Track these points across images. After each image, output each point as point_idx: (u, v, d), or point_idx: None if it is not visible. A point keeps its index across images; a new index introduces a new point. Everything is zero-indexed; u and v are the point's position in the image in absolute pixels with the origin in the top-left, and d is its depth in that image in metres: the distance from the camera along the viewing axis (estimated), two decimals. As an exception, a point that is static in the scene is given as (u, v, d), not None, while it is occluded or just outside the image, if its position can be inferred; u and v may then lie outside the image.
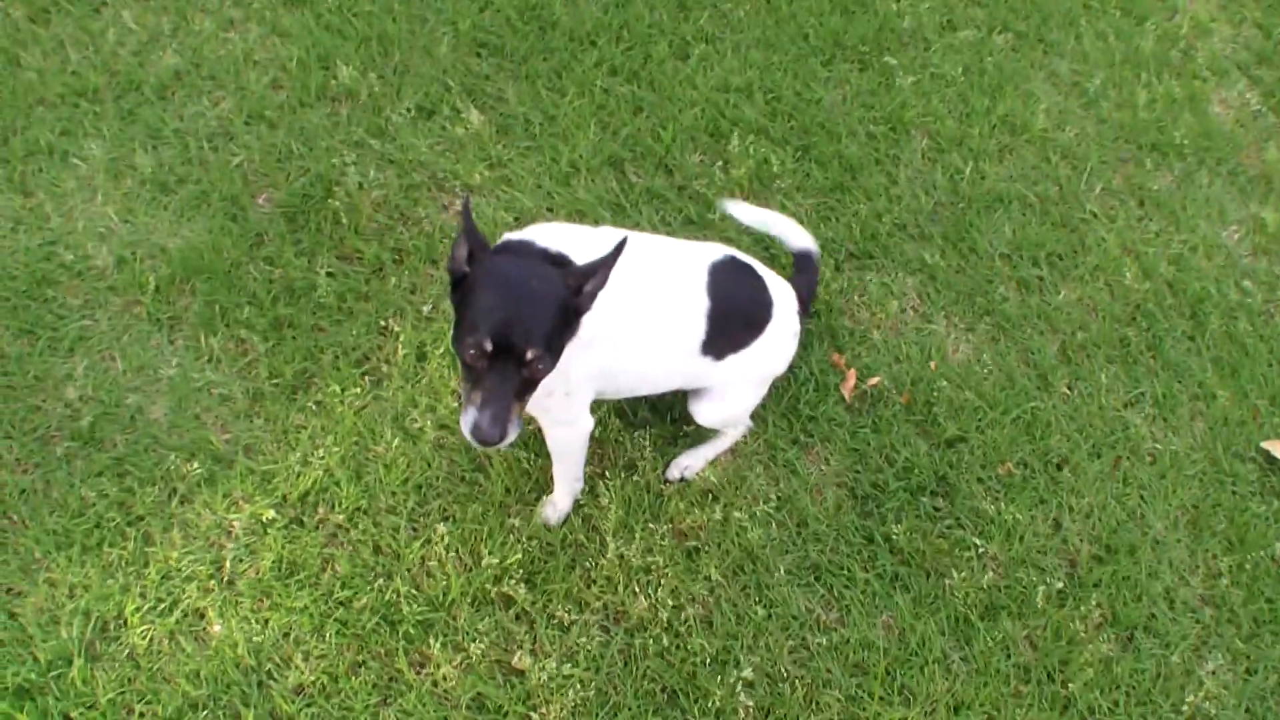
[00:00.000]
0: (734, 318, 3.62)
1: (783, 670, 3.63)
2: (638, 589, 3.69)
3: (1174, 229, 4.91)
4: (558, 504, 3.80)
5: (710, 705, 3.52)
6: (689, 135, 4.80)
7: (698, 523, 3.86)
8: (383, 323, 4.14)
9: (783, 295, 3.80)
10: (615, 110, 4.84)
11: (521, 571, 3.68)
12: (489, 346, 2.87)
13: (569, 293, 2.98)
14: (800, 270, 4.15)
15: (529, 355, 2.90)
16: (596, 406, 3.93)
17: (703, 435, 4.02)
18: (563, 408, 3.42)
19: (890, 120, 5.03)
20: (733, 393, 3.77)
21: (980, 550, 3.92)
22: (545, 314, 2.94)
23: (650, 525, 3.82)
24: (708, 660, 3.60)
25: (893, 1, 5.51)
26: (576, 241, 3.19)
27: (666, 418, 4.11)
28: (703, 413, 3.81)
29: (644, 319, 3.44)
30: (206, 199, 4.37)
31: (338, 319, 4.14)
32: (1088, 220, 4.87)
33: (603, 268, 3.00)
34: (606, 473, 3.90)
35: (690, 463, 3.97)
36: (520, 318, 2.89)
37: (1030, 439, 4.21)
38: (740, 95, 4.98)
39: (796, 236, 4.13)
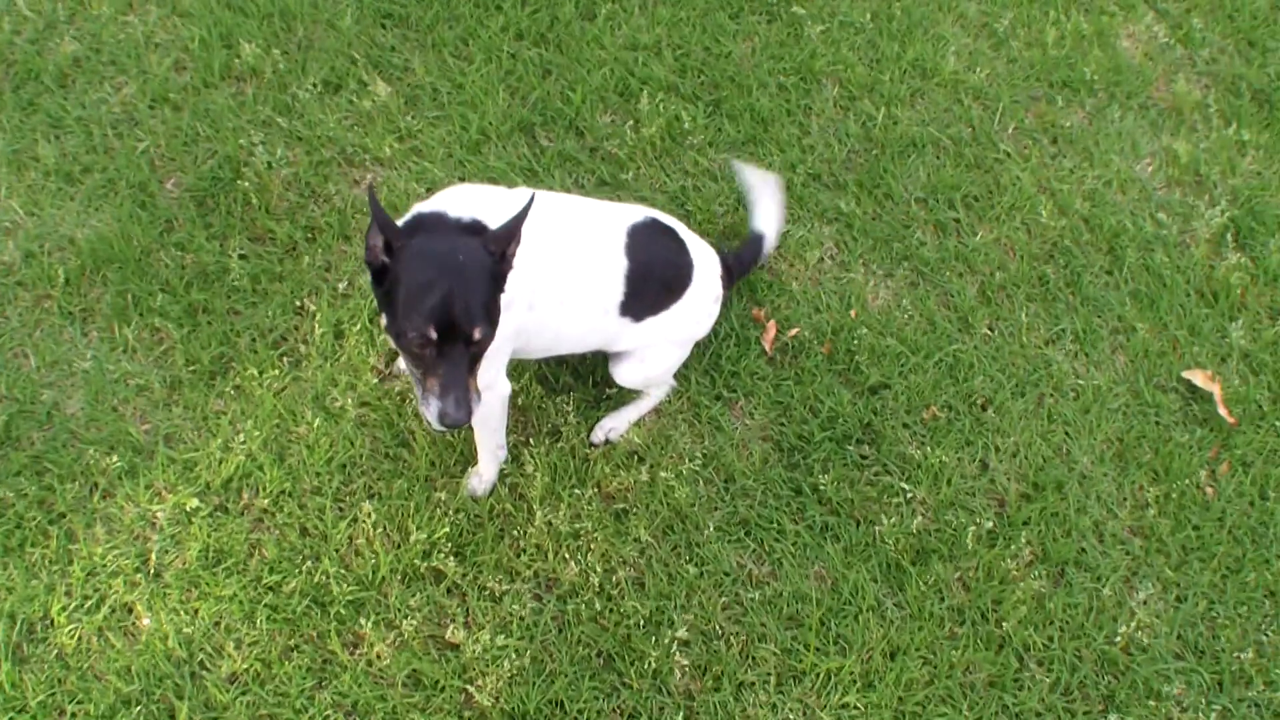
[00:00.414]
0: (653, 280, 3.62)
1: (717, 627, 3.64)
2: (568, 555, 3.69)
3: (1088, 165, 4.93)
4: (483, 474, 3.78)
5: (646, 666, 3.53)
6: (599, 96, 4.77)
7: (624, 485, 3.85)
8: (298, 303, 4.10)
9: (705, 259, 3.79)
10: (523, 75, 4.80)
11: (450, 545, 3.67)
12: (434, 335, 2.86)
13: (494, 260, 2.97)
14: (747, 246, 4.17)
15: (476, 335, 2.90)
16: (518, 374, 3.93)
17: (625, 397, 4.02)
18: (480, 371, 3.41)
19: (800, 70, 5.02)
20: (653, 354, 3.76)
21: (908, 495, 3.94)
22: (480, 288, 2.93)
23: (577, 490, 3.81)
24: (642, 622, 3.61)
25: (799, -50, 5.49)
26: (488, 204, 3.17)
27: (588, 381, 4.09)
28: (623, 374, 3.80)
29: (561, 278, 3.42)
30: (113, 187, 4.32)
31: (253, 301, 4.10)
32: (1002, 160, 4.87)
33: (517, 228, 2.98)
34: (530, 440, 3.89)
35: (614, 424, 3.96)
36: (457, 298, 2.88)
37: (953, 381, 4.23)
38: (649, 53, 4.95)
39: (766, 218, 4.15)
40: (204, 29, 4.78)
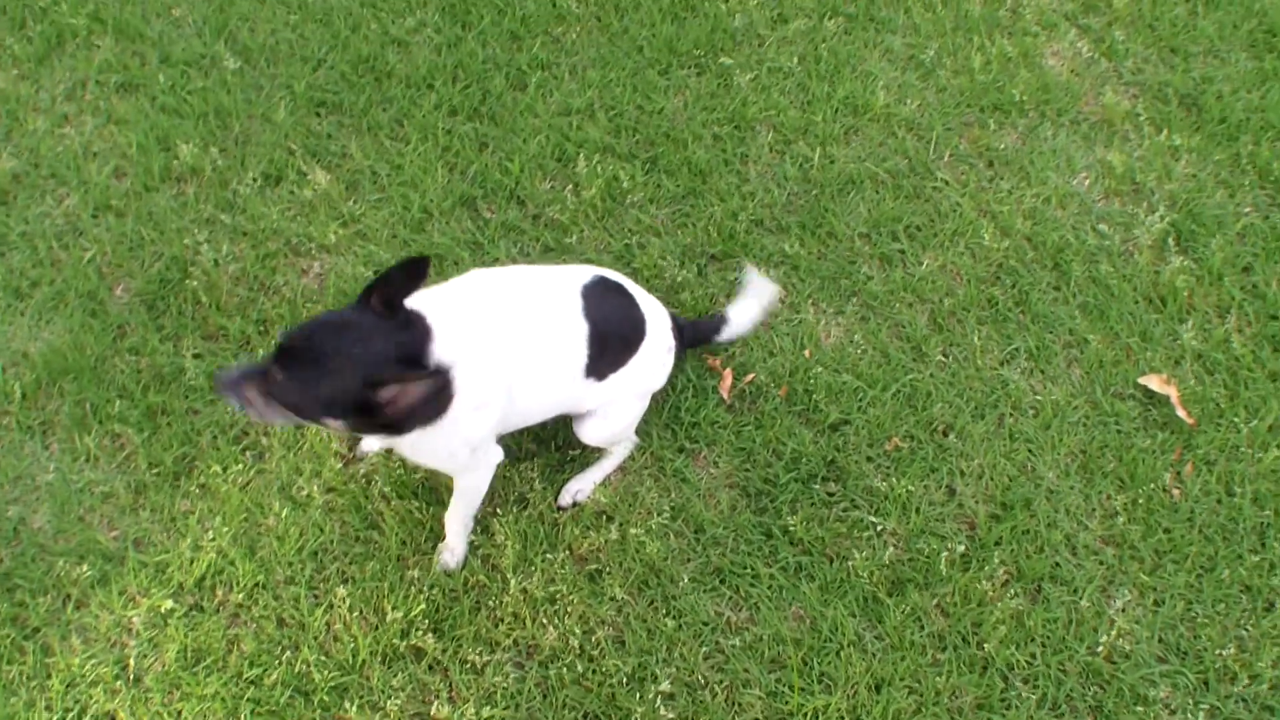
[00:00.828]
0: (612, 338, 3.65)
1: (700, 678, 3.64)
2: (545, 620, 3.69)
3: (1025, 184, 4.98)
4: (454, 549, 3.79)
5: (633, 723, 3.53)
6: (536, 164, 4.82)
7: (596, 545, 3.86)
8: (256, 396, 4.11)
9: (654, 311, 3.83)
10: (460, 150, 4.84)
11: (428, 621, 3.66)
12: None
13: (359, 384, 2.92)
14: (709, 321, 4.22)
15: (276, 376, 2.98)
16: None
17: (589, 458, 4.03)
18: (471, 461, 3.47)
19: (733, 119, 5.07)
20: (615, 410, 3.79)
21: (878, 528, 3.95)
22: (324, 373, 2.98)
23: (549, 555, 3.82)
24: (624, 679, 3.60)
25: (721, 2, 5.56)
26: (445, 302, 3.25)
27: (550, 446, 4.11)
28: (588, 433, 3.82)
29: (530, 358, 3.45)
30: (63, 298, 4.33)
31: (211, 399, 4.11)
32: (940, 188, 4.93)
33: (409, 389, 2.92)
34: (498, 510, 3.90)
35: (580, 486, 3.98)
36: (302, 346, 2.97)
37: (913, 411, 4.26)
38: (582, 117, 5.01)
39: (743, 310, 4.21)
40: (140, 134, 4.82)
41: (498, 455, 3.59)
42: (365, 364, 2.95)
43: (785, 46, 5.41)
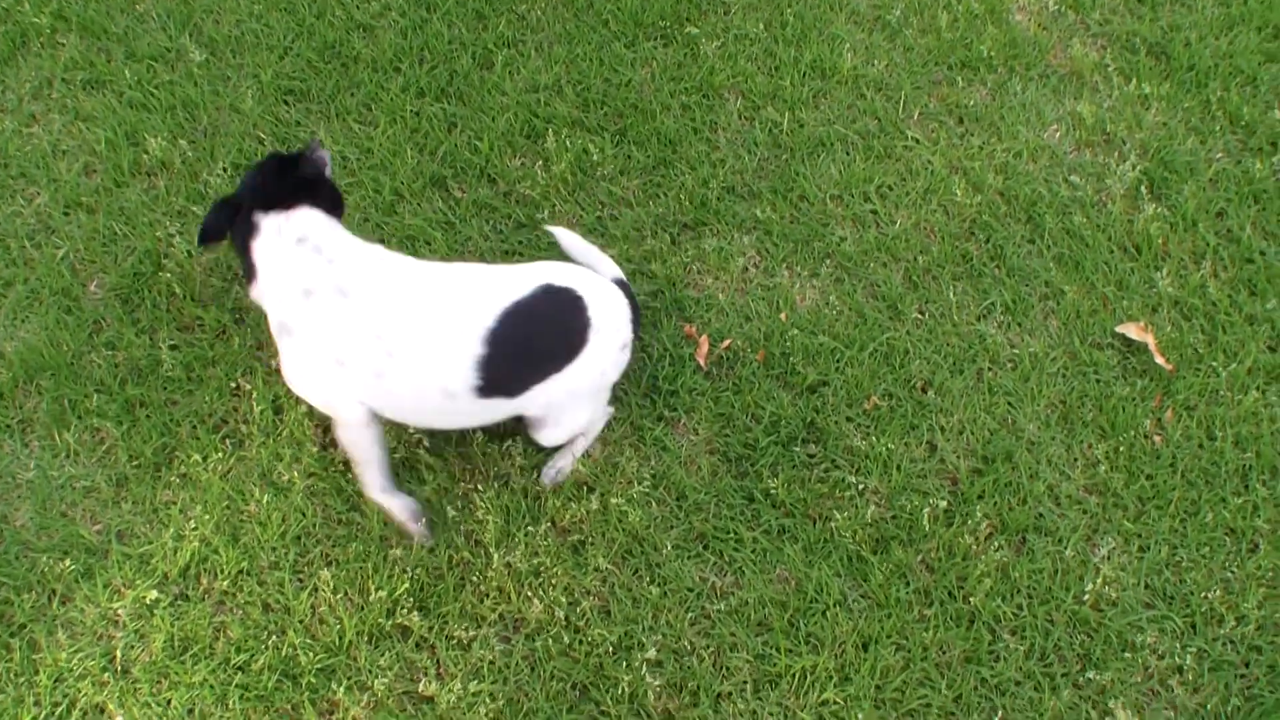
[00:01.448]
0: (535, 355, 3.65)
1: (687, 644, 3.65)
2: (530, 593, 3.70)
3: (996, 140, 4.98)
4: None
5: (621, 692, 3.54)
6: (505, 141, 4.81)
7: (577, 516, 3.87)
8: (234, 384, 4.12)
9: (609, 309, 3.78)
10: (429, 131, 4.84)
11: (412, 600, 3.68)
12: None
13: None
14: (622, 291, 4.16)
15: None
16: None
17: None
18: (322, 404, 3.70)
19: (701, 88, 5.07)
20: (564, 414, 3.78)
21: (860, 487, 3.96)
22: None
23: (531, 528, 3.82)
24: (611, 649, 3.62)
25: (686, -28, 5.56)
26: None
27: (531, 423, 4.12)
28: (543, 437, 3.85)
29: (379, 353, 3.54)
30: (37, 296, 4.33)
31: (189, 389, 4.12)
32: (911, 147, 4.93)
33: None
34: (479, 486, 3.90)
35: (562, 464, 3.97)
36: None
37: (890, 369, 4.26)
38: (550, 93, 5.00)
39: (608, 268, 4.13)
40: (109, 130, 4.81)
41: (346, 414, 3.64)
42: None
43: (751, 13, 5.40)
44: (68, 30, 5.20)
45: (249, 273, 3.63)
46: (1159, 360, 4.30)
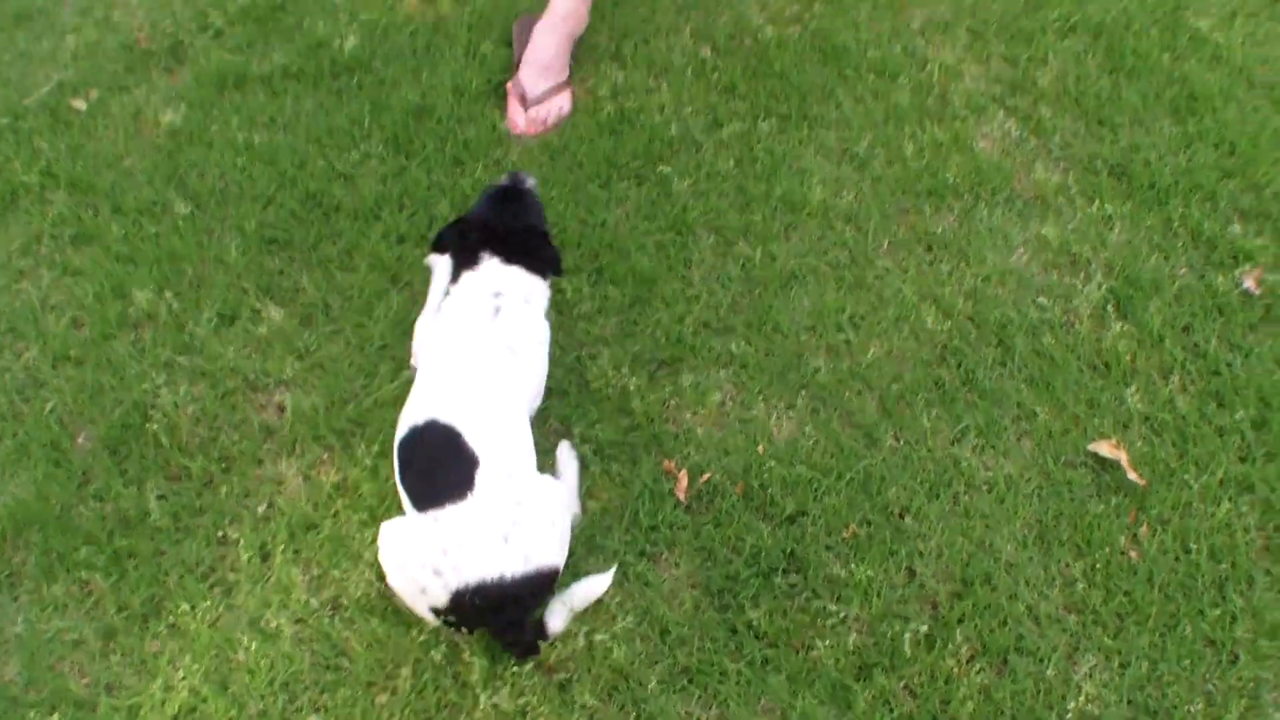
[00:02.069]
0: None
1: (675, 779, 3.68)
2: (518, 733, 3.73)
3: (965, 265, 5.09)
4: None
5: (611, 829, 3.56)
6: (484, 283, 4.90)
7: (563, 655, 3.90)
8: (221, 533, 4.17)
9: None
10: (411, 276, 4.94)
11: (400, 744, 3.71)
12: None
13: None
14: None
15: None
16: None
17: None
18: None
19: (675, 226, 5.18)
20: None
21: (841, 615, 4.00)
22: None
23: (516, 668, 3.84)
24: (599, 786, 3.64)
25: (657, 113, 5.69)
26: None
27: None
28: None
29: None
30: (26, 451, 4.39)
31: (176, 539, 4.16)
32: (881, 276, 5.03)
33: None
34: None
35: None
36: None
37: (868, 496, 4.32)
38: (527, 234, 5.10)
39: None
40: (96, 284, 4.90)
41: None
42: None
43: (722, 150, 5.54)
44: (56, 187, 5.33)
45: None
46: (1132, 476, 4.37)
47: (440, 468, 3.70)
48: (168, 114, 5.72)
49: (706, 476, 4.34)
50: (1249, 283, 5.02)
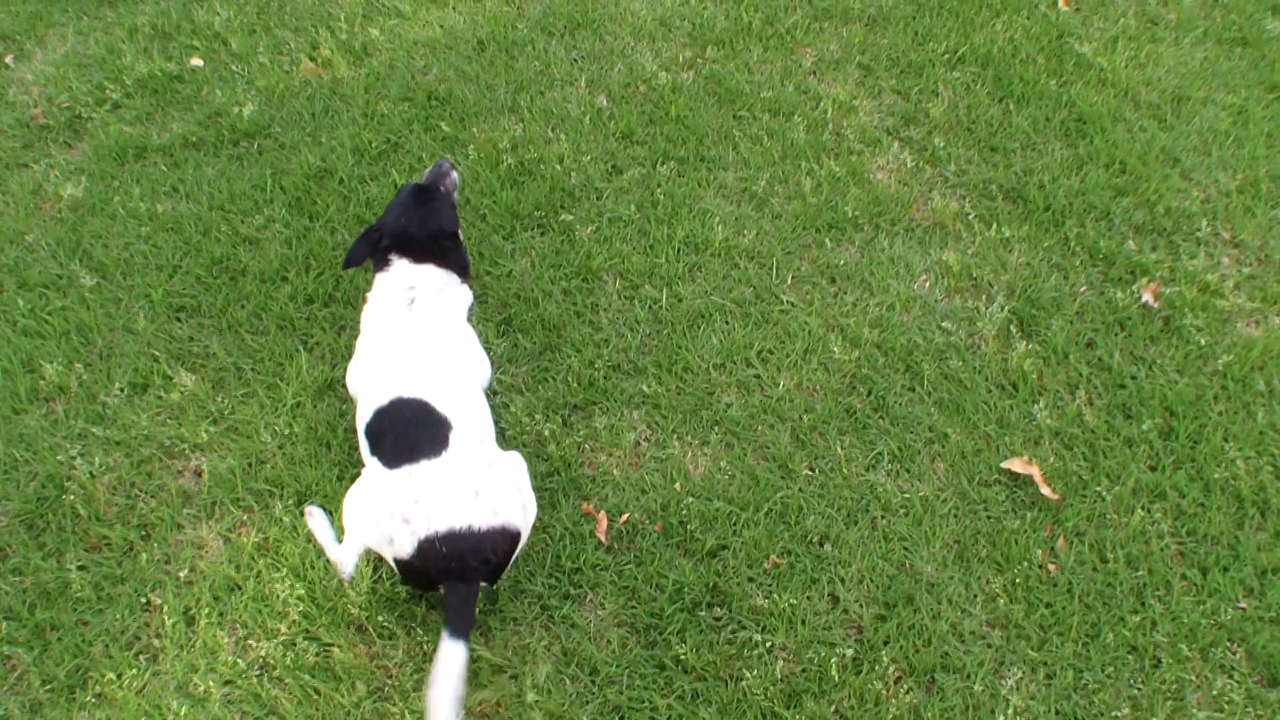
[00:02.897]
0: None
1: (611, 817, 3.68)
2: (451, 783, 3.72)
3: (869, 295, 5.17)
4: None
5: None
6: (394, 339, 4.91)
7: (489, 701, 3.89)
8: (144, 600, 4.14)
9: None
10: (320, 335, 4.94)
11: (335, 801, 3.69)
12: None
13: None
14: None
15: None
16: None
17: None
18: None
19: (580, 272, 5.23)
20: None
21: (768, 644, 4.03)
22: None
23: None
24: (537, 829, 3.63)
25: (556, 163, 5.75)
26: None
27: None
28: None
29: None
30: (-60, 532, 4.35)
31: (99, 608, 4.13)
32: (787, 310, 5.10)
33: None
34: (394, 674, 3.93)
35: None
36: None
37: (787, 527, 4.36)
38: (435, 288, 5.12)
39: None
40: (4, 359, 4.87)
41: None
42: None
43: (622, 196, 5.60)
44: (-44, 266, 5.29)
45: None
46: (1045, 491, 4.44)
47: (414, 429, 3.91)
48: (68, 188, 5.71)
49: (625, 517, 4.37)
50: (1147, 296, 5.14)
